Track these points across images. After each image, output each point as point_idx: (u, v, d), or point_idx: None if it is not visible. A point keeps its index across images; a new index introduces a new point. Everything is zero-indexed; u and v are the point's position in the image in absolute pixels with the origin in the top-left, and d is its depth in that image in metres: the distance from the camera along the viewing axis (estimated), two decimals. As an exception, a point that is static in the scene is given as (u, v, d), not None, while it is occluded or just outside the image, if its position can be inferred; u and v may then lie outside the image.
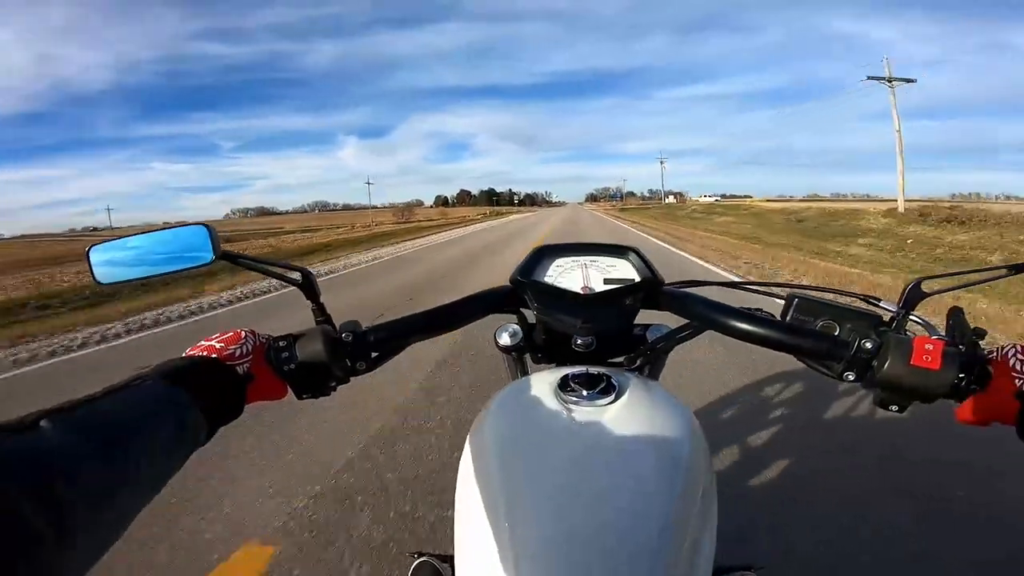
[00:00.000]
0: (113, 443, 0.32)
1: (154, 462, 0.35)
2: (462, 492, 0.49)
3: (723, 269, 7.61)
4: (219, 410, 0.44)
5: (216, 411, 0.43)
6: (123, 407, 0.35)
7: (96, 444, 0.31)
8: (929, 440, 1.96)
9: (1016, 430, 0.42)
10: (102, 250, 0.55)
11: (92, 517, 0.29)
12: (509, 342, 0.71)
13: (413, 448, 2.14)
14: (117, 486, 0.31)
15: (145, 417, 0.36)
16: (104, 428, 0.32)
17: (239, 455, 2.14)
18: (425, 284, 6.93)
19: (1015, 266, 0.50)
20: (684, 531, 0.41)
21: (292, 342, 0.52)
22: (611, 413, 0.49)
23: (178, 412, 0.39)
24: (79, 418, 0.32)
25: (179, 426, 0.38)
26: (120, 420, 0.34)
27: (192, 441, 0.40)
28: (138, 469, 0.33)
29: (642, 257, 0.68)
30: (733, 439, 2.05)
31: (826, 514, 1.59)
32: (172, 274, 0.55)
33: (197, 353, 0.47)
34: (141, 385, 0.38)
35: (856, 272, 7.62)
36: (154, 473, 0.35)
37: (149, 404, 0.37)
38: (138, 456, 0.33)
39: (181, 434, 0.38)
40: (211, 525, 1.69)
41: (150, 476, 0.35)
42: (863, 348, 0.47)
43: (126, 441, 0.33)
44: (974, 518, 1.56)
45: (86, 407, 0.33)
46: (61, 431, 0.30)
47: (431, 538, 1.55)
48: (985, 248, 12.67)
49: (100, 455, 0.31)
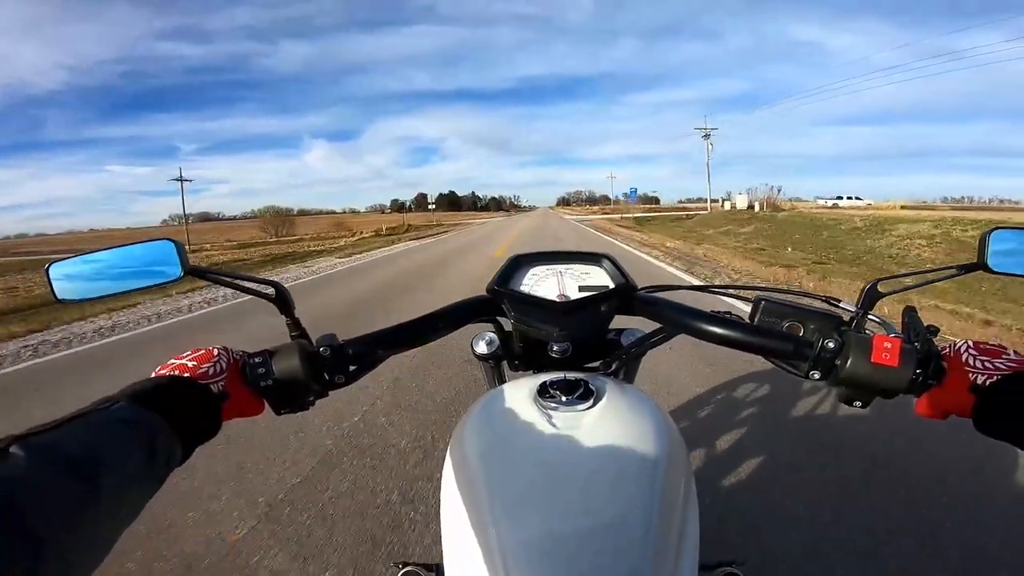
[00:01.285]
0: (84, 469, 0.31)
1: (128, 487, 0.34)
2: (446, 501, 0.49)
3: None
4: (194, 430, 0.43)
5: (191, 431, 0.42)
6: (93, 432, 0.34)
7: (66, 470, 0.30)
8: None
9: (972, 422, 0.44)
10: (63, 266, 0.52)
11: (67, 545, 0.28)
12: (486, 350, 0.71)
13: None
14: (91, 512, 0.30)
15: (116, 441, 0.35)
16: (74, 454, 0.31)
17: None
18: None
19: (965, 266, 0.53)
20: (667, 531, 0.42)
21: (268, 358, 0.51)
22: (590, 418, 0.50)
23: (151, 435, 0.38)
24: (48, 444, 0.31)
25: (152, 449, 0.37)
26: (90, 445, 0.33)
27: (166, 463, 0.39)
28: (113, 494, 0.32)
29: (615, 264, 0.69)
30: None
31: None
32: (137, 291, 0.53)
33: (168, 372, 0.46)
34: (111, 408, 0.37)
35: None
36: (129, 498, 0.34)
37: (120, 428, 0.36)
38: (112, 481, 0.32)
39: (154, 457, 0.37)
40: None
41: (125, 501, 0.34)
42: (826, 347, 0.48)
43: (97, 467, 0.32)
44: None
45: (55, 433, 0.32)
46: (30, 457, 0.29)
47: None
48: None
49: (71, 482, 0.30)
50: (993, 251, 0.51)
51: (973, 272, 0.53)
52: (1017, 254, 0.51)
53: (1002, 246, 0.51)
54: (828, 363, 0.49)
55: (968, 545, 1.45)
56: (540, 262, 0.72)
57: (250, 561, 1.51)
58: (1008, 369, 0.44)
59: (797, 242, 16.20)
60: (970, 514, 1.58)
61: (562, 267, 0.71)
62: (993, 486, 1.73)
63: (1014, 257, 0.51)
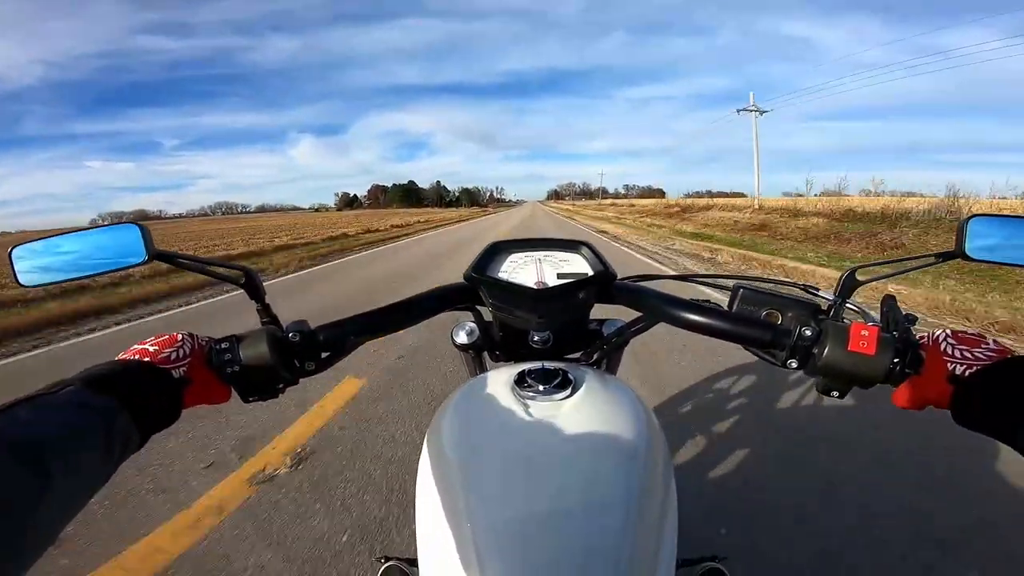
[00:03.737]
0: (28, 453, 0.30)
1: (77, 472, 0.33)
2: (422, 492, 0.48)
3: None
4: (152, 416, 0.42)
5: (148, 417, 0.41)
6: (40, 415, 0.33)
7: (9, 454, 0.29)
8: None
9: (951, 413, 0.43)
10: (26, 250, 0.51)
11: (12, 530, 0.27)
12: (466, 340, 0.70)
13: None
14: (36, 499, 0.29)
15: (66, 427, 0.34)
16: (17, 438, 0.30)
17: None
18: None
19: (943, 254, 0.53)
20: (646, 524, 0.41)
21: (235, 344, 0.50)
22: (568, 407, 0.50)
23: (105, 420, 0.37)
24: None
25: (106, 434, 0.36)
26: (36, 429, 0.32)
27: (121, 449, 0.38)
28: (64, 480, 0.31)
29: (594, 251, 0.69)
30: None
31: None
32: (102, 275, 0.52)
33: (128, 357, 0.45)
34: (61, 392, 0.36)
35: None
36: (79, 483, 0.33)
37: (70, 412, 0.35)
38: (60, 467, 0.31)
39: (108, 442, 0.36)
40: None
41: (75, 486, 0.33)
42: (803, 336, 0.48)
43: (43, 451, 0.31)
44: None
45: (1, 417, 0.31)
46: None
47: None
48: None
49: (14, 467, 0.29)
50: (971, 239, 0.51)
51: (951, 260, 0.52)
52: (994, 241, 0.51)
53: (980, 233, 0.51)
54: (805, 351, 0.49)
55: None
56: (519, 249, 0.71)
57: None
58: (987, 359, 0.43)
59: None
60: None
61: (541, 254, 0.70)
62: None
63: (991, 245, 0.51)
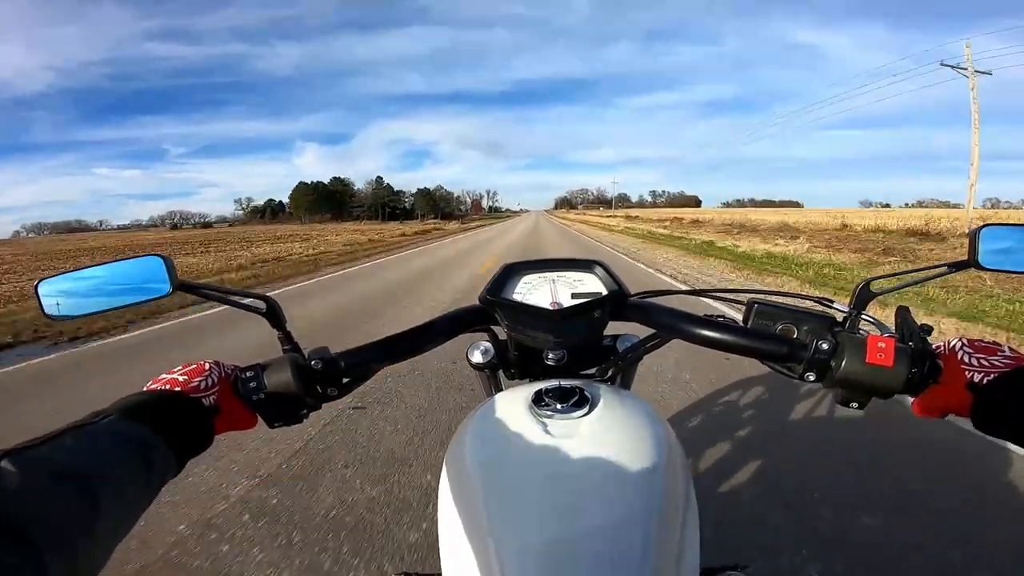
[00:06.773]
0: (79, 481, 0.31)
1: (123, 500, 0.34)
2: (444, 512, 0.49)
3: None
4: (186, 443, 0.43)
5: (183, 444, 0.42)
6: (87, 446, 0.34)
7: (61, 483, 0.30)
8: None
9: (972, 420, 0.44)
10: (53, 283, 0.52)
11: (67, 557, 0.28)
12: (482, 360, 0.71)
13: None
14: (88, 524, 0.30)
15: (109, 455, 0.35)
16: (68, 466, 0.31)
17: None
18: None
19: (956, 264, 0.53)
20: (667, 537, 0.41)
21: (260, 372, 0.51)
22: (586, 425, 0.50)
23: (143, 449, 0.38)
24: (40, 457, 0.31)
25: (146, 463, 0.37)
26: (84, 457, 0.33)
27: (160, 476, 0.39)
28: (109, 506, 0.32)
29: (608, 270, 0.69)
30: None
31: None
32: (127, 307, 0.53)
33: (159, 387, 0.46)
34: (102, 423, 0.37)
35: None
36: (125, 508, 0.35)
37: (112, 442, 0.36)
38: (107, 495, 0.32)
39: (148, 471, 0.37)
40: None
41: (121, 511, 0.34)
42: (820, 349, 0.48)
43: (93, 480, 0.32)
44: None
45: (46, 446, 0.32)
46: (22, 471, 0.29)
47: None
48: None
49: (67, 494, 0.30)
50: (984, 248, 0.51)
51: (965, 270, 0.52)
52: (1007, 250, 0.51)
53: (993, 242, 0.51)
54: (823, 365, 0.48)
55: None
56: (532, 270, 0.71)
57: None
58: (1005, 366, 0.43)
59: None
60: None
61: (554, 275, 0.71)
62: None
63: (1004, 253, 0.51)
